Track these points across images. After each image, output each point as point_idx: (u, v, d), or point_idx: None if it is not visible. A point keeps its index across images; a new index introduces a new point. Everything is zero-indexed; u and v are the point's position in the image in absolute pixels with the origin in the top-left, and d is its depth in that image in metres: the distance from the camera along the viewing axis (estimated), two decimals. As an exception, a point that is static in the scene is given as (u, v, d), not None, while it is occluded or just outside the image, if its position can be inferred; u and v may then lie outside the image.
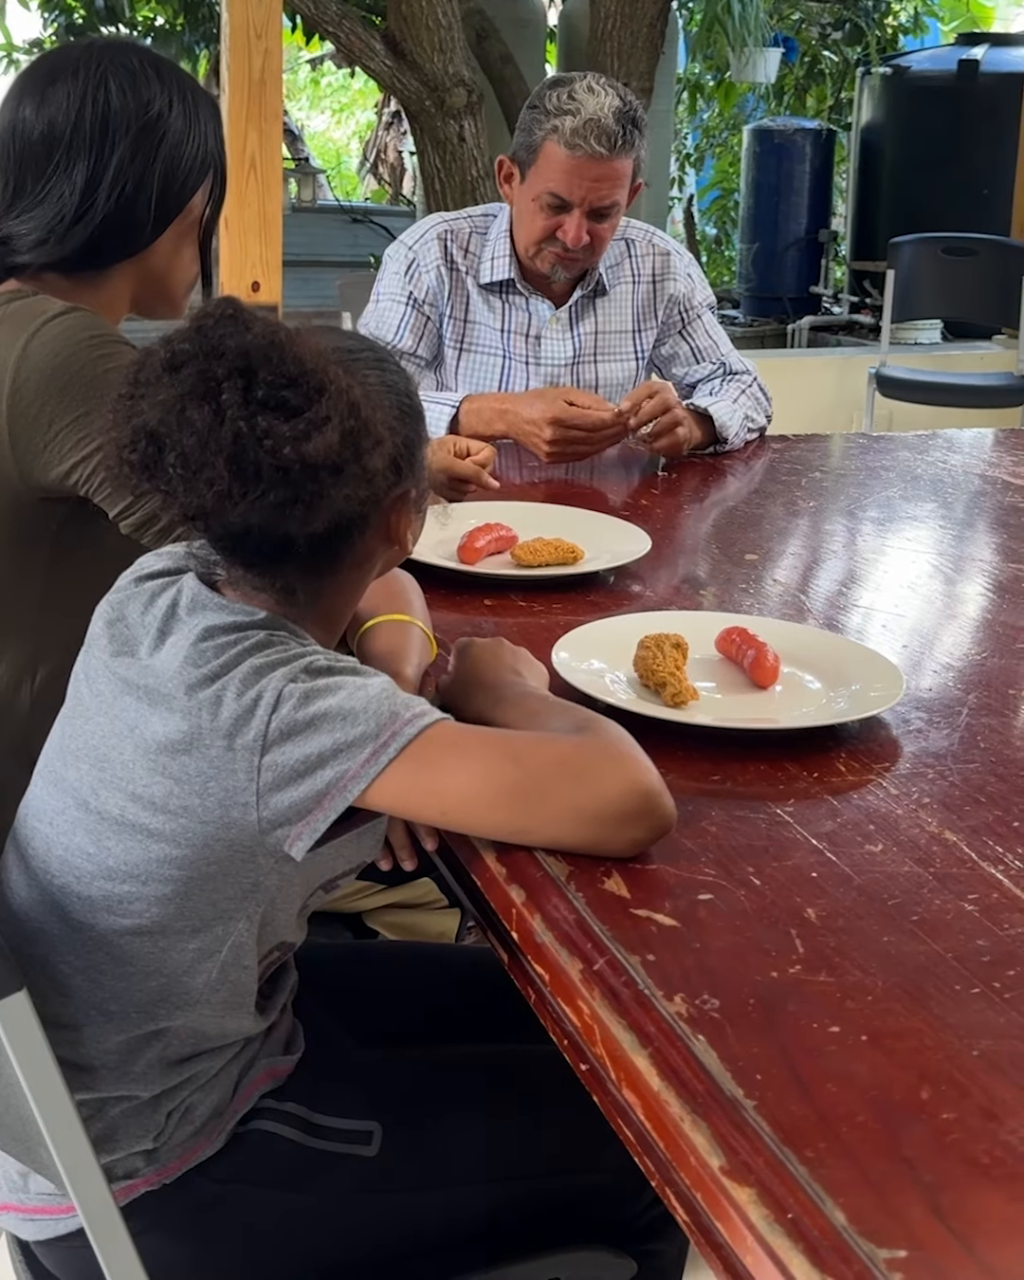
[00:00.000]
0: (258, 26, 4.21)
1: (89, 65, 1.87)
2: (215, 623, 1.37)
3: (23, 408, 1.77)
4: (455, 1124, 1.59)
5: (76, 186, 1.86)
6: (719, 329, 3.12)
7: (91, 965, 1.43)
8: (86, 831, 1.41)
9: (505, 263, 2.93)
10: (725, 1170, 0.98)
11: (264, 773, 1.30)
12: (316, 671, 1.33)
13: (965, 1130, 1.01)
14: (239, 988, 1.46)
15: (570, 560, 2.12)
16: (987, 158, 7.78)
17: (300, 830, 1.32)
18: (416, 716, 1.32)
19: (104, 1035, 1.44)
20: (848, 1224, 0.92)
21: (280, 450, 1.28)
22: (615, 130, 2.69)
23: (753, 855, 1.36)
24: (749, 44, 7.69)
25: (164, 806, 1.35)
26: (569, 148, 2.70)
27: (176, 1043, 1.46)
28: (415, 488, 1.48)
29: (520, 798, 1.33)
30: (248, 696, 1.31)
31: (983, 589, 2.22)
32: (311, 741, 1.30)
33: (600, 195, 2.75)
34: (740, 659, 1.75)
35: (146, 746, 1.35)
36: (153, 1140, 1.47)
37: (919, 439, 3.21)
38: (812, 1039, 1.10)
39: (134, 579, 1.49)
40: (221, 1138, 1.51)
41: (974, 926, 1.25)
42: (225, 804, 1.32)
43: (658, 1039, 1.10)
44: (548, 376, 2.99)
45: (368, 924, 2.35)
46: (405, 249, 2.97)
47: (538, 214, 2.80)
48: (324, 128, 16.38)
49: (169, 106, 1.89)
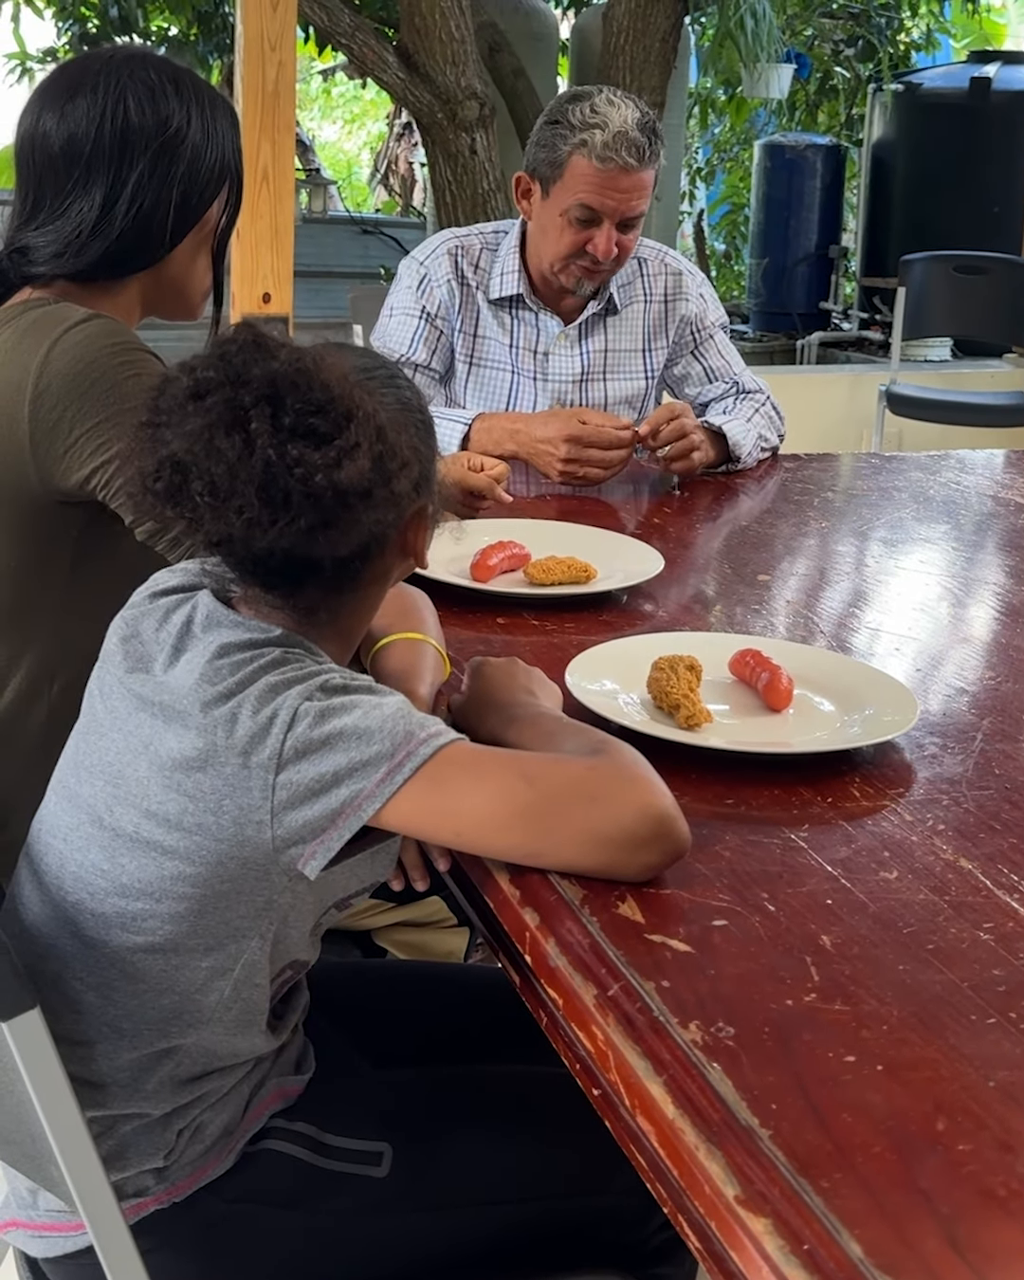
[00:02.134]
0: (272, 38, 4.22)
1: (107, 79, 1.88)
2: (230, 640, 1.37)
3: (44, 413, 1.78)
4: (465, 1146, 1.58)
5: (95, 203, 1.87)
6: (731, 348, 3.13)
7: (104, 982, 1.43)
8: (101, 848, 1.41)
9: (515, 278, 2.93)
10: (741, 1200, 0.98)
11: (278, 791, 1.30)
12: (332, 690, 1.33)
13: (982, 1162, 1.00)
14: (251, 1006, 1.46)
15: (583, 579, 2.12)
16: (998, 175, 7.79)
17: (314, 849, 1.32)
18: (432, 736, 1.32)
19: (116, 1052, 1.44)
20: (864, 1256, 0.92)
21: (312, 478, 1.28)
22: (643, 142, 2.72)
23: (767, 881, 1.36)
24: (761, 59, 7.69)
25: (178, 824, 1.35)
26: (601, 161, 2.72)
27: (188, 1061, 1.46)
28: (431, 503, 1.49)
29: (534, 820, 1.32)
30: (263, 714, 1.31)
31: (996, 612, 2.22)
32: (326, 760, 1.30)
33: (630, 206, 2.78)
34: (754, 681, 1.74)
35: (161, 763, 1.35)
36: (163, 1158, 1.47)
37: (931, 459, 3.21)
38: (827, 1068, 1.10)
39: (148, 595, 1.49)
40: (231, 1157, 1.51)
41: (990, 956, 1.25)
42: (239, 822, 1.32)
43: (673, 1066, 1.10)
44: (555, 393, 3.00)
45: (377, 942, 2.35)
46: (417, 264, 2.98)
47: (566, 229, 2.81)
48: (335, 138, 16.41)
49: (187, 121, 1.89)
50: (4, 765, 1.90)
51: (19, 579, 1.87)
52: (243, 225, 4.10)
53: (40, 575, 1.88)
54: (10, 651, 1.89)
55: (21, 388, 1.79)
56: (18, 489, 1.82)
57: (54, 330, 1.81)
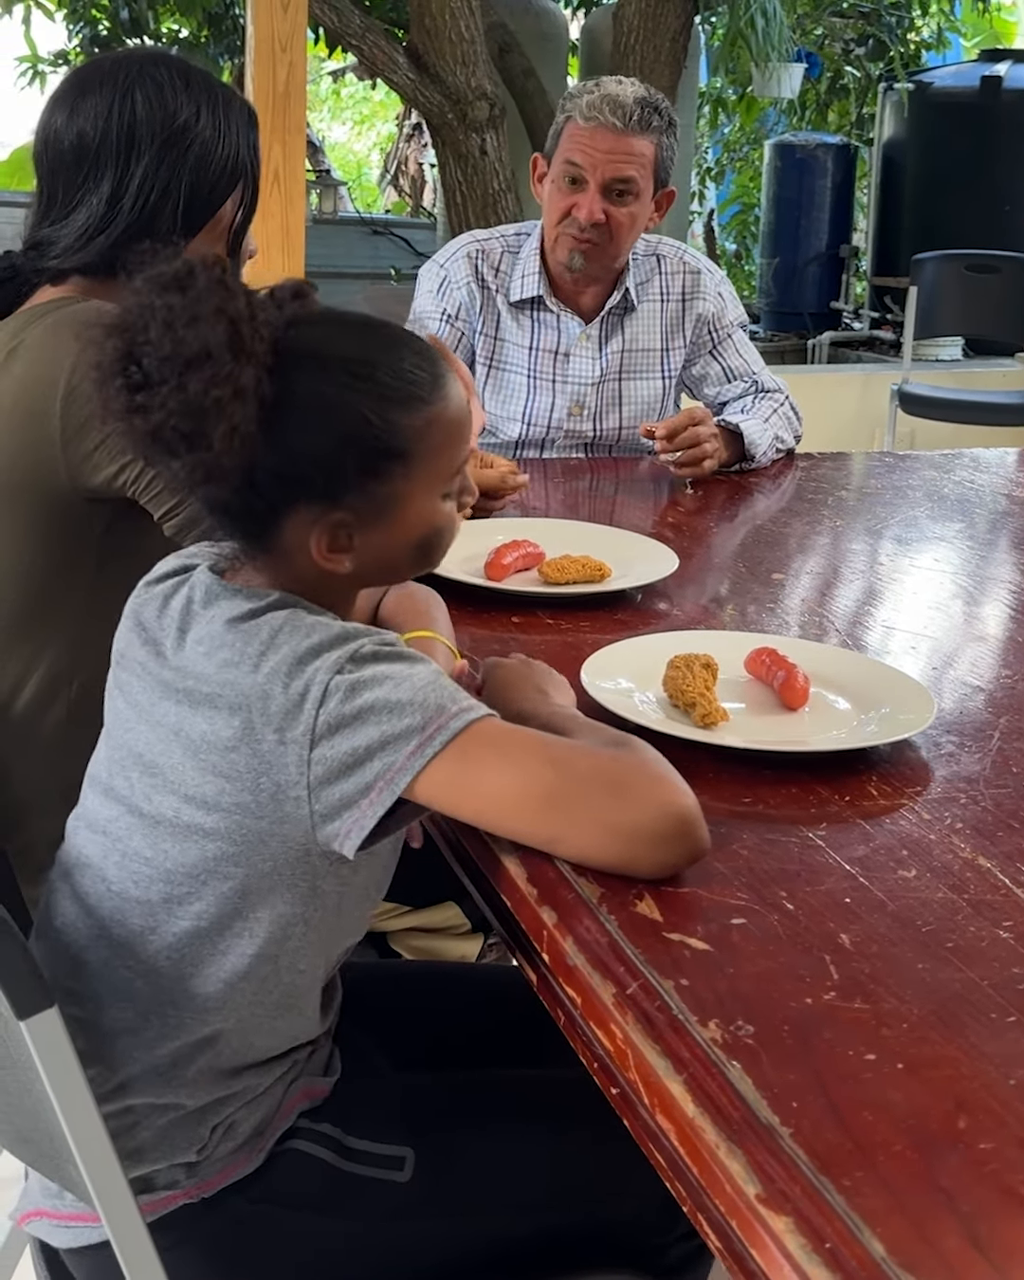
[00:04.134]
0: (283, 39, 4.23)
1: (117, 77, 1.89)
2: (233, 613, 1.37)
3: (75, 410, 1.78)
4: (486, 1151, 1.58)
5: (103, 197, 1.88)
6: (750, 347, 3.12)
7: (152, 969, 1.43)
8: (142, 835, 1.41)
9: (535, 279, 2.94)
10: (762, 1198, 0.98)
11: (314, 766, 1.31)
12: (363, 659, 1.33)
13: (1003, 1160, 1.00)
14: (295, 990, 1.47)
15: (597, 578, 2.12)
16: (1009, 174, 7.78)
17: (350, 827, 1.32)
18: (463, 710, 1.33)
19: (160, 1040, 1.44)
20: (886, 1255, 0.92)
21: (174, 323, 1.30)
22: (632, 108, 2.75)
23: (785, 879, 1.36)
24: (772, 59, 7.68)
25: (217, 804, 1.35)
26: (585, 119, 2.77)
27: (229, 1051, 1.46)
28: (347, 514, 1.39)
29: (556, 805, 1.32)
30: (294, 689, 1.31)
31: (1010, 610, 2.22)
32: (359, 734, 1.30)
33: (614, 169, 2.78)
34: (770, 680, 1.74)
35: (194, 747, 1.36)
36: (196, 1153, 1.47)
37: (945, 458, 3.21)
38: (847, 1066, 1.10)
39: (146, 583, 1.50)
40: (261, 1155, 1.50)
41: (1009, 954, 1.25)
42: (278, 798, 1.33)
43: (693, 1065, 1.10)
44: (574, 395, 3.00)
45: (391, 945, 2.35)
46: (437, 267, 3.00)
47: (556, 195, 2.85)
48: (345, 139, 16.41)
49: (196, 117, 1.89)
50: (23, 764, 1.90)
51: (43, 578, 1.88)
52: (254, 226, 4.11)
53: (64, 574, 1.88)
54: (30, 650, 1.89)
55: (54, 384, 1.80)
56: (47, 486, 1.83)
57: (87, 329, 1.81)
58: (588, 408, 3.00)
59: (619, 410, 3.02)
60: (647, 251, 3.00)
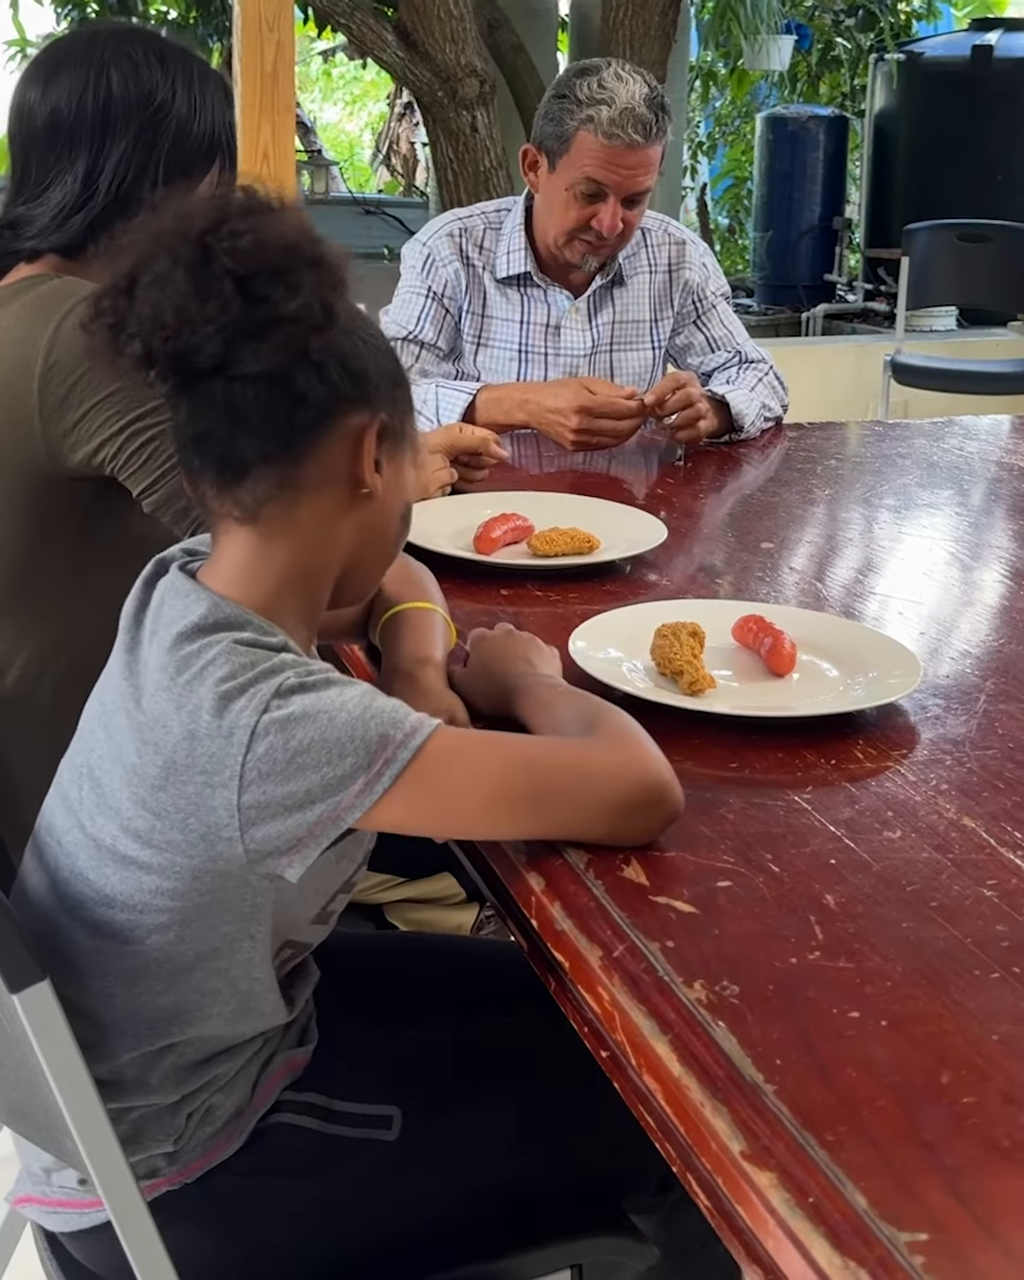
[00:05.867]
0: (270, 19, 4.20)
1: (91, 54, 1.89)
2: (181, 627, 1.32)
3: (53, 387, 1.79)
4: (474, 1107, 1.59)
5: (78, 175, 1.87)
6: (734, 318, 3.13)
7: (103, 989, 1.42)
8: (87, 856, 1.39)
9: (521, 256, 2.94)
10: (746, 1155, 0.99)
11: (245, 811, 1.26)
12: (289, 692, 1.26)
13: (985, 1114, 1.01)
14: (251, 996, 1.46)
15: (586, 550, 2.12)
16: (1001, 144, 7.77)
17: (291, 860, 1.28)
18: (409, 736, 1.27)
19: (122, 1051, 1.44)
20: (869, 1207, 0.93)
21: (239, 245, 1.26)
22: (650, 118, 2.73)
23: (771, 842, 1.37)
24: (761, 31, 7.67)
25: (149, 840, 1.32)
26: (607, 137, 2.73)
27: (191, 1050, 1.46)
28: (387, 418, 1.38)
29: (534, 805, 1.31)
30: (220, 731, 1.25)
31: (1000, 575, 2.22)
32: (296, 780, 1.25)
33: (636, 183, 2.78)
34: (757, 647, 1.75)
35: (128, 775, 1.32)
36: (172, 1143, 1.47)
37: (935, 426, 3.21)
38: (831, 1024, 1.10)
39: (143, 581, 1.44)
40: (242, 1136, 1.51)
41: (993, 912, 1.25)
42: (208, 839, 1.29)
43: (678, 1025, 1.11)
44: (567, 368, 3.00)
45: (387, 917, 2.36)
46: (421, 245, 3.00)
47: (571, 204, 2.82)
48: (336, 119, 16.36)
49: (172, 95, 1.89)
50: (12, 743, 1.91)
51: (25, 555, 1.88)
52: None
53: (46, 552, 1.88)
54: (16, 629, 1.90)
55: (31, 363, 1.80)
56: (27, 465, 1.83)
57: (62, 305, 1.82)
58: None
59: (612, 381, 3.03)
60: None
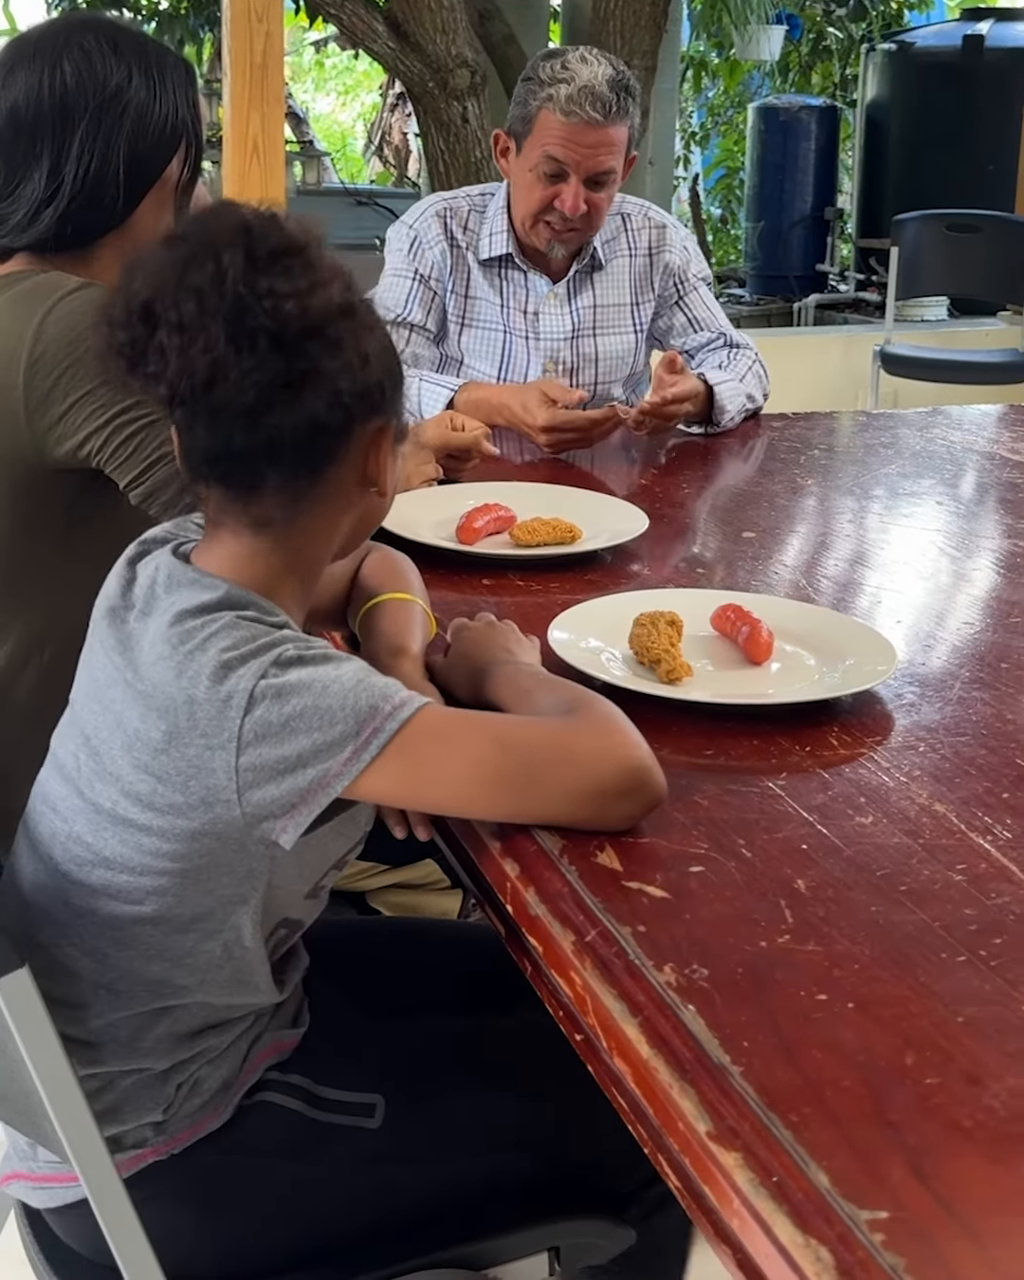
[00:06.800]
0: (259, 10, 4.20)
1: (44, 48, 1.89)
2: (185, 605, 1.36)
3: (38, 380, 1.80)
4: (456, 1096, 1.60)
5: (44, 171, 1.88)
6: (715, 304, 3.13)
7: (96, 948, 1.44)
8: (86, 820, 1.42)
9: (503, 238, 2.95)
10: (712, 1135, 1.00)
11: (243, 773, 1.30)
12: (287, 663, 1.31)
13: (948, 1095, 1.02)
14: (244, 967, 1.48)
15: (568, 540, 2.13)
16: (992, 133, 7.78)
17: (286, 824, 1.32)
18: (397, 708, 1.31)
19: (112, 1012, 1.46)
20: (831, 1186, 0.94)
21: (282, 307, 1.28)
22: (610, 97, 2.73)
23: (744, 828, 1.38)
24: (752, 21, 7.67)
25: (150, 803, 1.35)
26: (565, 114, 2.73)
27: (187, 1017, 1.48)
28: (394, 423, 1.44)
29: (512, 783, 1.33)
30: (219, 696, 1.30)
31: (978, 564, 2.23)
32: (289, 743, 1.29)
33: (597, 162, 2.78)
34: (735, 635, 1.76)
35: (130, 742, 1.36)
36: (162, 1112, 1.49)
37: (919, 416, 3.22)
38: (799, 1006, 1.11)
39: (126, 560, 1.49)
40: (229, 1110, 1.53)
41: (962, 896, 1.27)
42: (208, 801, 1.32)
43: (647, 1008, 1.12)
44: (548, 351, 3.01)
45: (371, 904, 2.36)
46: (407, 228, 3.01)
47: (535, 184, 2.83)
48: (329, 110, 16.36)
49: (128, 80, 1.89)
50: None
51: (10, 547, 1.89)
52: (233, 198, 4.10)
53: (32, 543, 1.89)
54: (1, 618, 1.91)
55: (16, 356, 1.81)
56: (13, 458, 1.84)
57: (48, 299, 1.82)
58: (562, 363, 3.02)
59: (595, 366, 3.05)
60: (611, 211, 3.02)
